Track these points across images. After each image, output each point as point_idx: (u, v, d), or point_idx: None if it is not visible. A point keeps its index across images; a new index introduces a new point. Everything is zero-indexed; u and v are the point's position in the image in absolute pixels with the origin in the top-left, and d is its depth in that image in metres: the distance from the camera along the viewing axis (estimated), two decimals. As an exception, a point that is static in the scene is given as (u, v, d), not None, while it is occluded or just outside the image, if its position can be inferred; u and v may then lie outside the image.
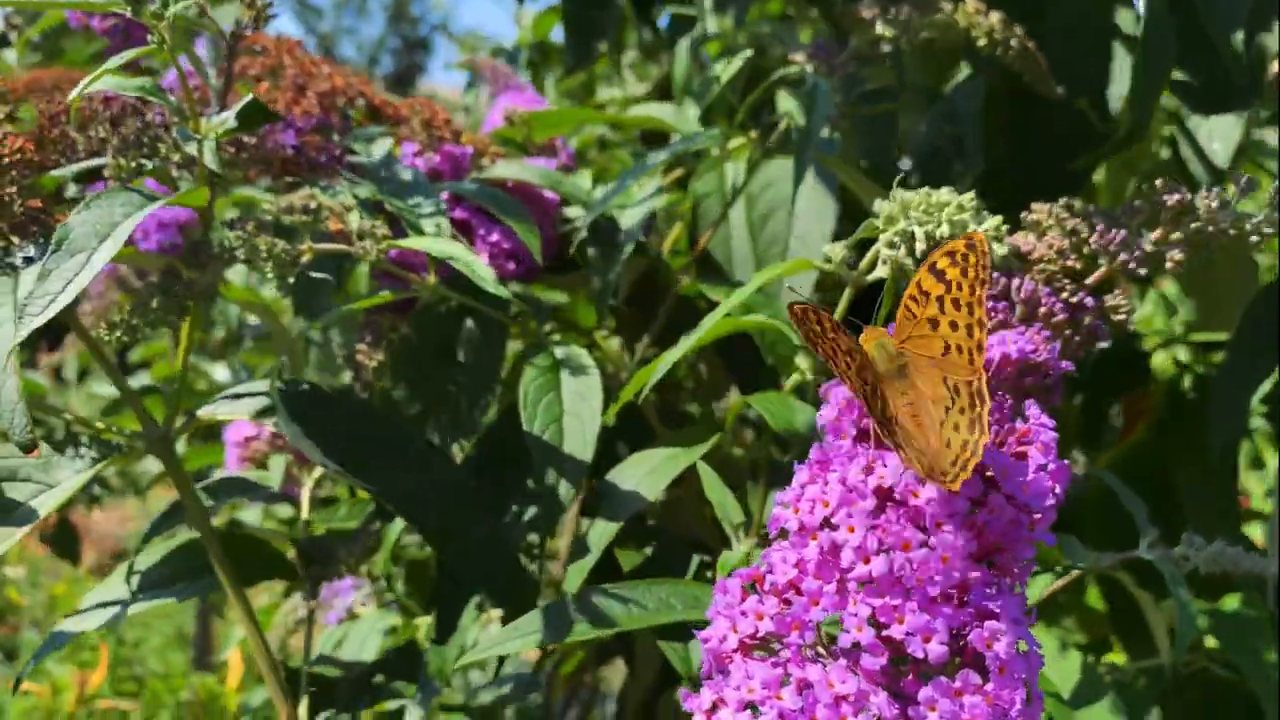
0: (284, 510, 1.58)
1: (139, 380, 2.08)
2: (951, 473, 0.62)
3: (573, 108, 1.59)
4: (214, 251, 0.91)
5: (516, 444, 1.06)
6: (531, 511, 1.11)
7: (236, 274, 1.63)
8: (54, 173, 0.98)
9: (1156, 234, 0.85)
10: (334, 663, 1.36)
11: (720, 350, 1.24)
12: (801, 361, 0.96)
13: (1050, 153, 1.27)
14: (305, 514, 1.28)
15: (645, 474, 1.01)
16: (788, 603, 0.64)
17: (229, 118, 0.93)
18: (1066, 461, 0.69)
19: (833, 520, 0.64)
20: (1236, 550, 1.21)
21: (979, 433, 0.63)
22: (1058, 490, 0.68)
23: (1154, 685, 1.54)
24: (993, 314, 0.79)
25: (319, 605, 1.25)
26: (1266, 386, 1.46)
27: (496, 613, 1.23)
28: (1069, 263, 0.84)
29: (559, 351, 1.10)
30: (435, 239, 0.96)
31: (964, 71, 1.42)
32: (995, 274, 0.82)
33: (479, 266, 0.91)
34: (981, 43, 1.22)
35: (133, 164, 0.94)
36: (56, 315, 0.77)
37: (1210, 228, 0.82)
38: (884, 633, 0.61)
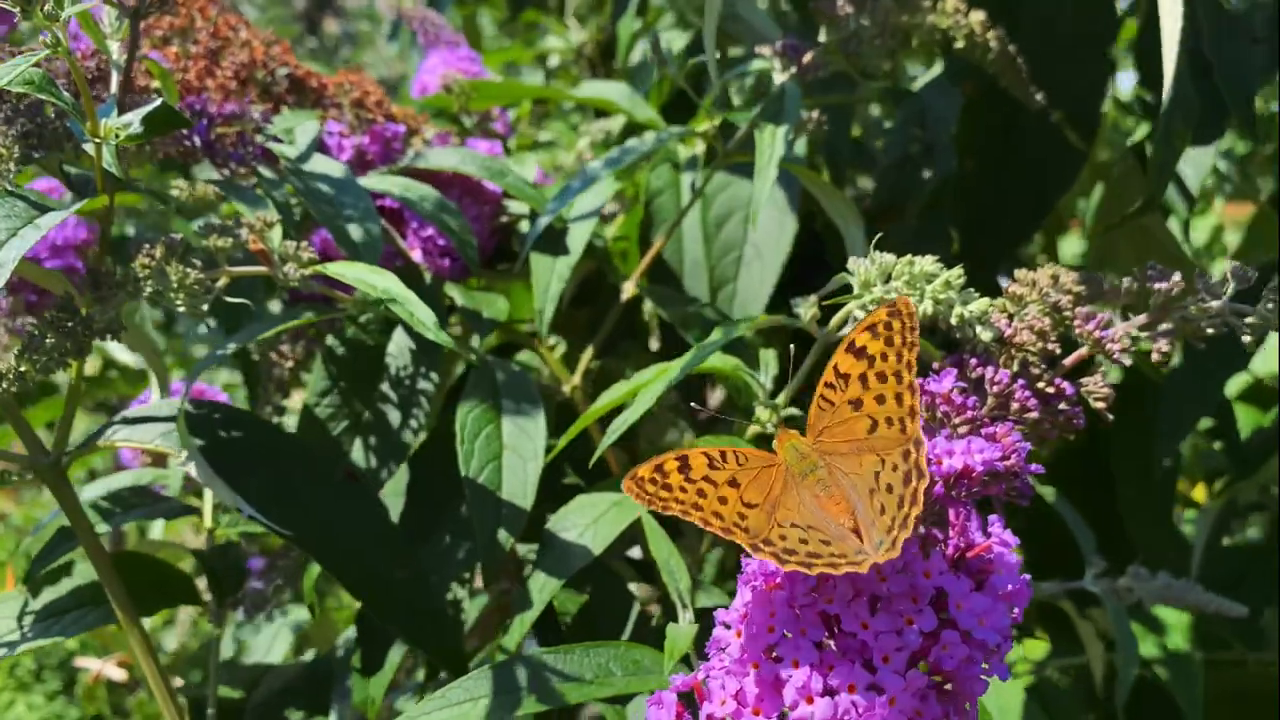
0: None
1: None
2: (886, 540, 0.60)
3: (516, 81, 1.47)
4: (116, 281, 0.80)
5: (449, 469, 0.99)
6: (465, 546, 1.04)
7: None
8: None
9: (1143, 320, 0.80)
10: (238, 671, 1.28)
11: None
12: (762, 414, 0.90)
13: (1023, 171, 1.20)
14: (208, 520, 1.17)
15: (590, 522, 0.94)
16: None
17: (134, 121, 0.81)
18: (1028, 578, 0.66)
19: (776, 651, 0.61)
20: (1182, 584, 1.21)
21: (913, 505, 0.61)
22: (1017, 612, 0.65)
23: (1080, 688, 1.56)
24: (963, 409, 0.73)
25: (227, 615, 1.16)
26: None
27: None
28: (1050, 345, 0.78)
29: (500, 375, 1.02)
30: (368, 270, 0.85)
31: (935, 69, 1.33)
32: (974, 359, 0.76)
33: (420, 311, 0.82)
34: (960, 44, 1.14)
35: (15, 153, 0.81)
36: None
37: (1202, 322, 0.77)
38: None
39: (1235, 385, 1.89)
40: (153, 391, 1.08)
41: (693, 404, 0.99)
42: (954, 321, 0.74)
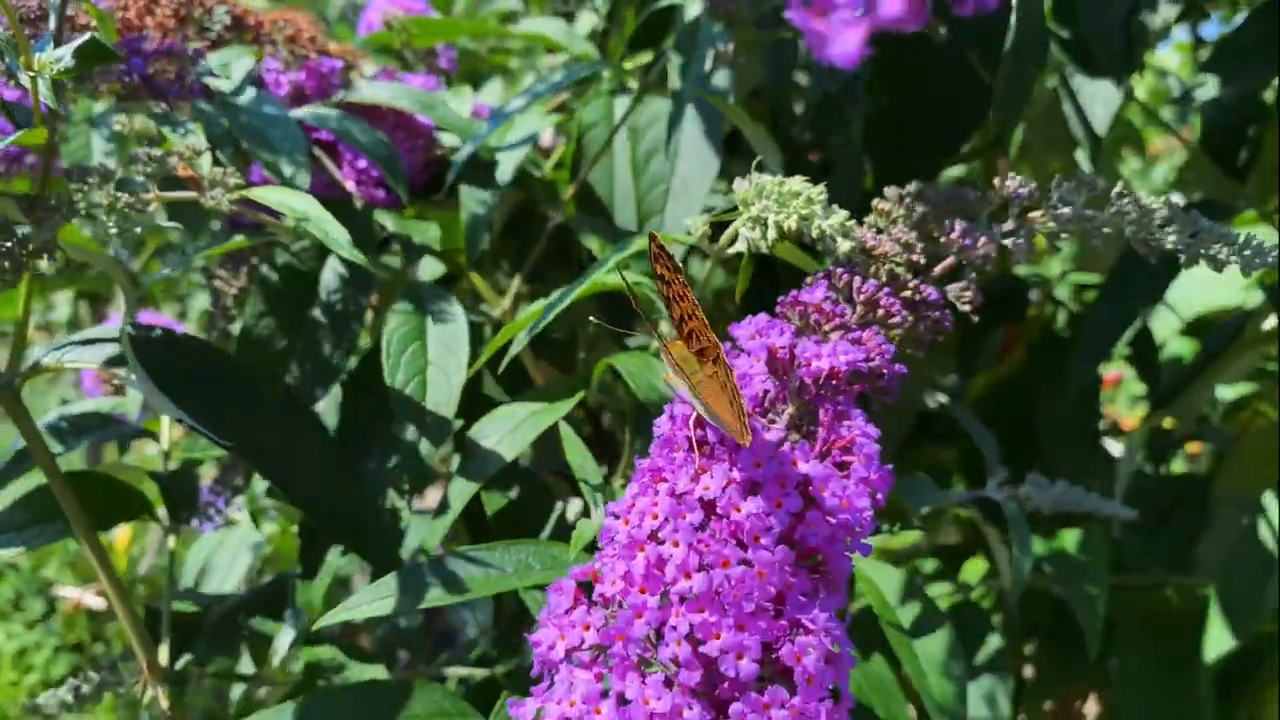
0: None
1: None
2: (743, 432, 0.66)
3: (453, 19, 1.51)
4: (51, 205, 0.86)
5: (382, 390, 1.05)
6: (396, 460, 1.10)
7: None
8: None
9: (1007, 226, 0.86)
10: (198, 596, 1.35)
11: (599, 302, 1.23)
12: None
13: (932, 108, 1.25)
14: (165, 443, 1.24)
15: (509, 431, 1.01)
16: (615, 613, 0.66)
17: (65, 55, 0.86)
18: (889, 468, 0.72)
19: (659, 534, 0.66)
20: (1078, 491, 1.28)
21: (739, 395, 0.67)
22: (879, 497, 0.71)
23: (997, 603, 1.64)
24: (832, 316, 0.78)
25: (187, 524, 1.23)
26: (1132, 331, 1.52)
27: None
28: (915, 256, 0.83)
29: (425, 296, 1.08)
30: (289, 193, 0.91)
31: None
32: (840, 270, 0.81)
33: (334, 230, 0.88)
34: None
35: None
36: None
37: (1053, 224, 0.84)
38: (700, 649, 0.63)
39: (1176, 321, 1.96)
40: (119, 317, 1.14)
41: (600, 321, 1.05)
42: (814, 234, 0.80)
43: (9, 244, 0.84)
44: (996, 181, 0.85)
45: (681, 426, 0.71)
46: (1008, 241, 0.85)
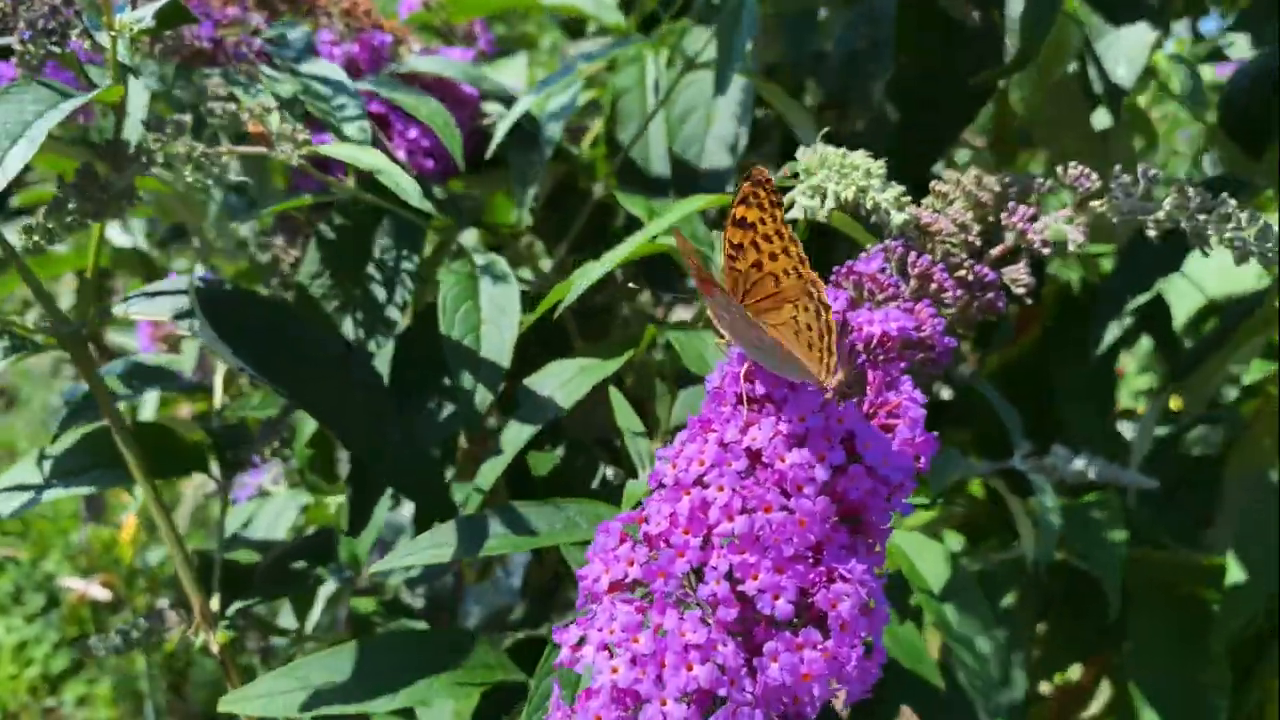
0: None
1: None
2: (822, 369, 0.67)
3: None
4: (131, 153, 0.90)
5: (433, 345, 1.09)
6: (448, 409, 1.14)
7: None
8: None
9: (1065, 213, 0.88)
10: (248, 543, 1.39)
11: (642, 267, 1.27)
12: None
13: (955, 65, 1.30)
14: (218, 402, 1.28)
15: (560, 385, 1.05)
16: (659, 552, 0.68)
17: (146, 17, 0.90)
18: (933, 435, 0.73)
19: (705, 479, 0.68)
20: (1101, 461, 1.32)
21: (828, 332, 0.68)
22: (922, 461, 0.73)
23: (1014, 573, 1.67)
24: (886, 287, 0.80)
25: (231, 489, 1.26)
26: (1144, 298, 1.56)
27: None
28: (971, 238, 0.85)
29: (479, 259, 1.12)
30: (358, 148, 0.96)
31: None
32: (895, 244, 0.84)
33: (404, 180, 0.92)
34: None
35: (41, 51, 0.91)
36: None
37: (1113, 215, 0.86)
38: (738, 588, 0.65)
39: (1189, 305, 1.99)
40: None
41: (645, 285, 1.09)
42: (869, 206, 0.84)
43: (91, 189, 0.88)
44: (1060, 170, 0.87)
45: (732, 383, 0.73)
46: (1066, 228, 0.87)
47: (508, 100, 1.25)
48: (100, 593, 3.29)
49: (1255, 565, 1.53)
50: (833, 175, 0.86)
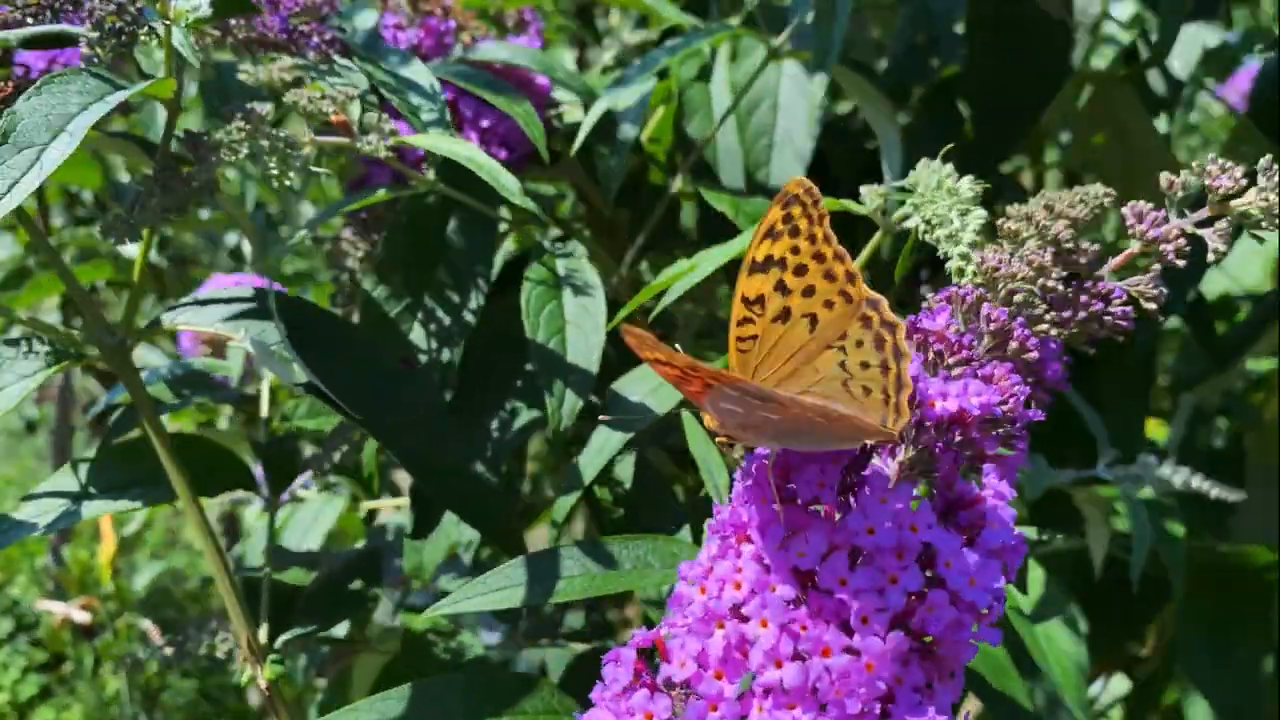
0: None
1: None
2: (888, 412, 0.56)
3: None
4: (210, 144, 0.83)
5: (497, 356, 1.03)
6: (521, 420, 1.08)
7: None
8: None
9: (1201, 215, 0.76)
10: (285, 555, 1.31)
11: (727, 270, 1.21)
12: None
13: (1026, 57, 1.26)
14: (265, 411, 1.21)
15: (650, 390, 0.99)
16: (683, 705, 0.57)
17: (202, 4, 0.83)
18: (1022, 535, 0.61)
19: (743, 610, 0.56)
20: (1185, 470, 1.28)
21: (899, 358, 0.56)
22: (1011, 573, 0.60)
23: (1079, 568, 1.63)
24: (958, 349, 0.67)
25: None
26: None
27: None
28: (1051, 282, 0.72)
29: (561, 265, 1.05)
30: (448, 139, 0.90)
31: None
32: (964, 290, 0.70)
33: (501, 174, 0.86)
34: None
35: (109, 55, 0.83)
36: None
37: (1262, 213, 0.73)
38: None
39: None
40: (219, 278, 1.12)
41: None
42: (941, 255, 0.75)
43: (174, 183, 0.82)
44: (1195, 165, 0.76)
45: (761, 480, 0.59)
46: (1203, 232, 0.75)
47: (578, 90, 1.19)
48: (81, 615, 3.21)
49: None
50: (944, 202, 0.78)
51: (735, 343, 0.62)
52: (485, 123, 1.14)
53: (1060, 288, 0.73)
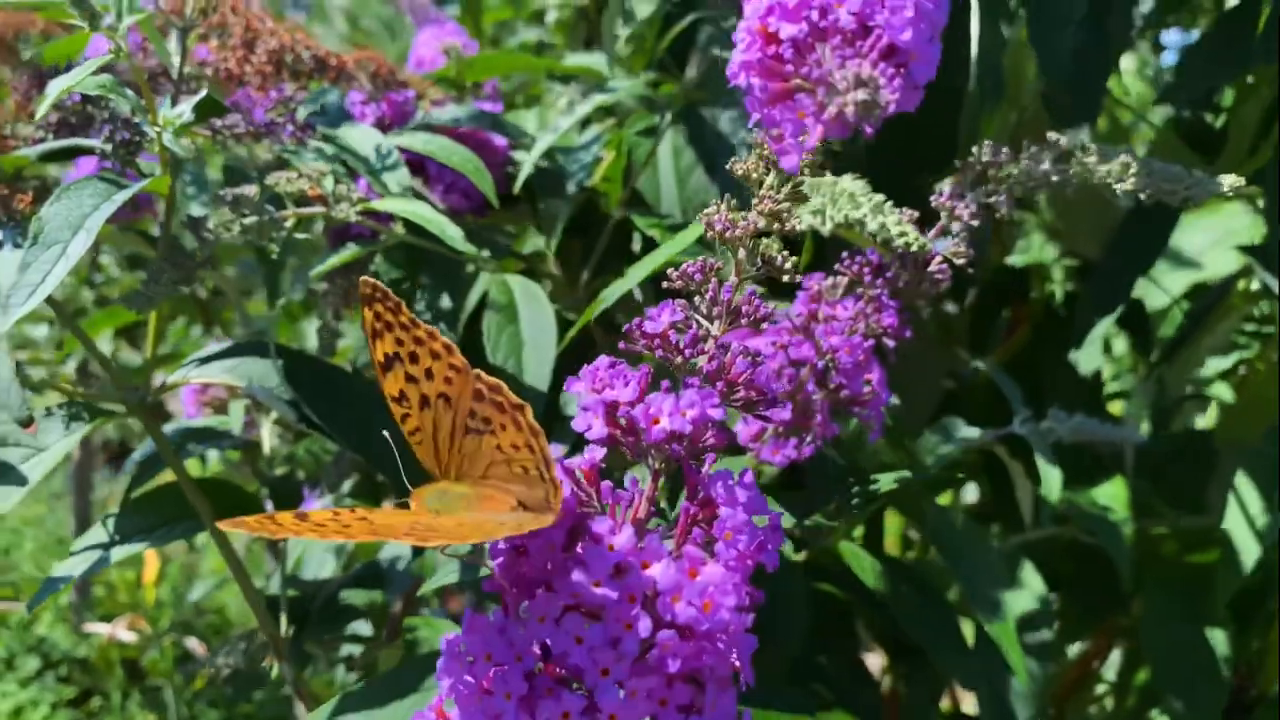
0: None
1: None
2: (553, 495, 0.58)
3: (509, 53, 1.67)
4: (210, 228, 1.01)
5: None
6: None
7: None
8: (18, 153, 1.04)
9: (986, 189, 0.96)
10: (302, 583, 1.48)
11: (656, 284, 1.37)
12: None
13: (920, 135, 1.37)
14: (267, 451, 1.39)
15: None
16: None
17: (185, 110, 1.00)
18: (778, 518, 0.62)
19: (490, 687, 0.60)
20: (1094, 421, 1.41)
21: (534, 435, 0.59)
22: (767, 563, 0.61)
23: (1019, 555, 1.77)
24: (680, 350, 0.68)
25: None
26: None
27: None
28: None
29: (516, 289, 1.22)
30: (404, 201, 1.07)
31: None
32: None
33: (448, 227, 1.03)
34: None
35: (120, 163, 1.01)
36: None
37: (1028, 180, 0.94)
38: None
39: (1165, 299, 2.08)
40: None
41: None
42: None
43: (182, 259, 1.00)
44: (975, 150, 0.95)
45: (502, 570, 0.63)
46: (991, 200, 0.96)
47: (527, 147, 1.37)
48: (126, 635, 3.35)
49: (1251, 525, 1.63)
50: (829, 199, 0.95)
51: (411, 441, 0.65)
52: (447, 176, 1.32)
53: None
